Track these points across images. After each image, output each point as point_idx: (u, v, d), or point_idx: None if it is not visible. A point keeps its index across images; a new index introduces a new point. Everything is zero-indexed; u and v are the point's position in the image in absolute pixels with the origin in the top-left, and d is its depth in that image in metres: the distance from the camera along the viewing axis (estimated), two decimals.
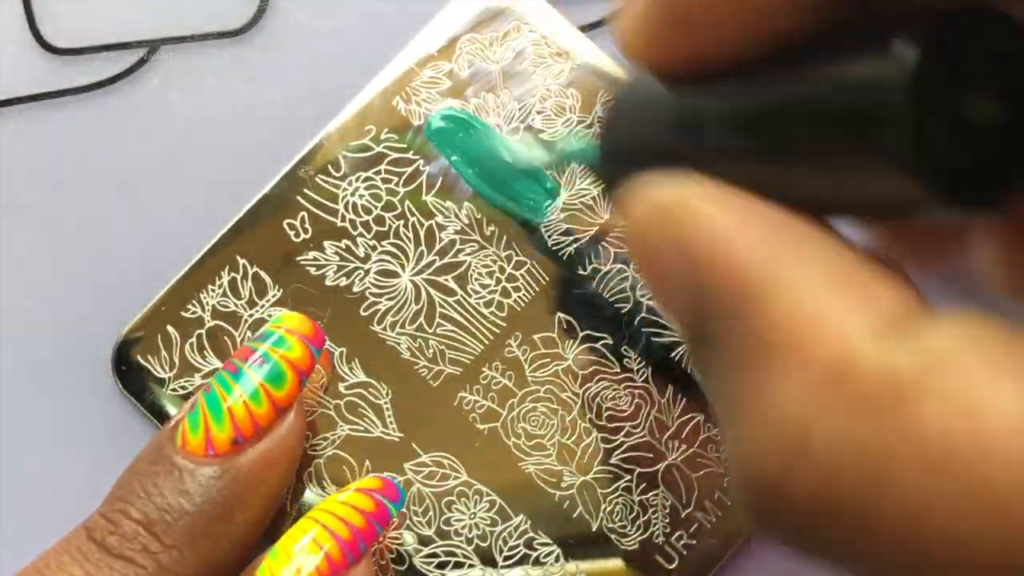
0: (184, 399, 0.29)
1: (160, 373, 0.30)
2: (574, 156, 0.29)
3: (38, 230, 0.31)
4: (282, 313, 0.29)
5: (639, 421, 0.30)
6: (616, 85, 0.21)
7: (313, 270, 0.30)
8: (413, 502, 0.29)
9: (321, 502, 0.27)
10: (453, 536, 0.29)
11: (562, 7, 0.32)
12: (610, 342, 0.30)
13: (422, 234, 0.30)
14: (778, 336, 0.15)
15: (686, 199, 0.17)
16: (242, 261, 0.30)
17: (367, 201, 0.30)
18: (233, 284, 0.30)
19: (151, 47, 0.32)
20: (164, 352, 0.30)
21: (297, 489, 0.29)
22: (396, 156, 0.31)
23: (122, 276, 0.31)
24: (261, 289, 0.30)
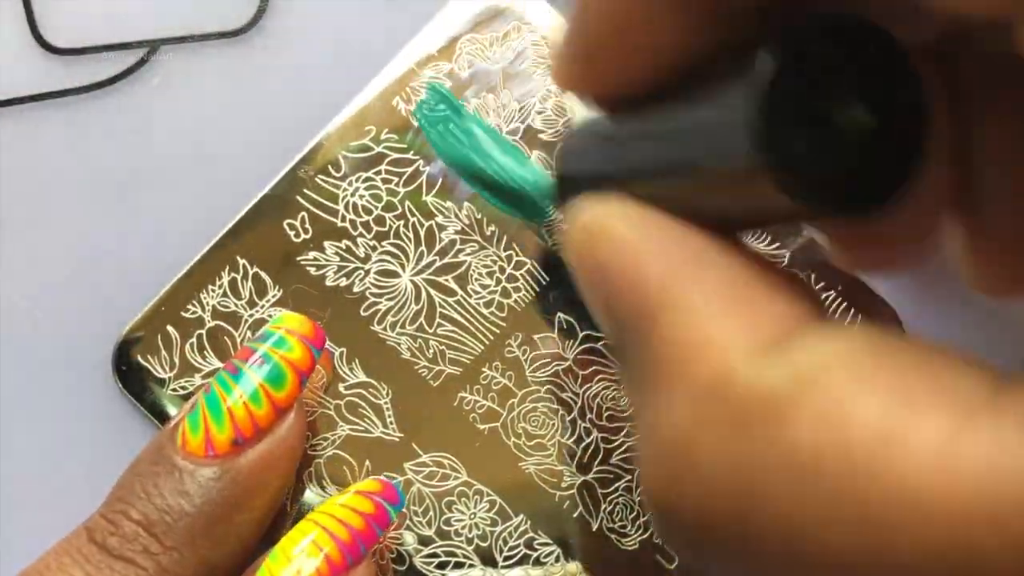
0: (184, 399, 0.29)
1: (160, 373, 0.30)
2: (542, 191, 0.30)
3: (38, 230, 0.31)
4: (282, 314, 0.29)
5: None
6: (568, 128, 0.23)
7: (313, 270, 0.30)
8: (413, 502, 0.29)
9: (320, 504, 0.27)
10: (453, 536, 0.29)
11: (562, 7, 0.32)
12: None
13: (422, 234, 0.30)
14: (667, 354, 0.16)
15: (603, 220, 0.18)
16: (242, 261, 0.30)
17: (367, 201, 0.30)
18: (233, 284, 0.30)
19: (151, 47, 0.32)
20: (164, 352, 0.30)
21: (297, 489, 0.29)
22: (396, 156, 0.31)
23: (122, 276, 0.31)
24: (261, 289, 0.30)
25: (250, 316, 0.30)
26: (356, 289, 0.30)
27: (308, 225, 0.30)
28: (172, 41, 0.32)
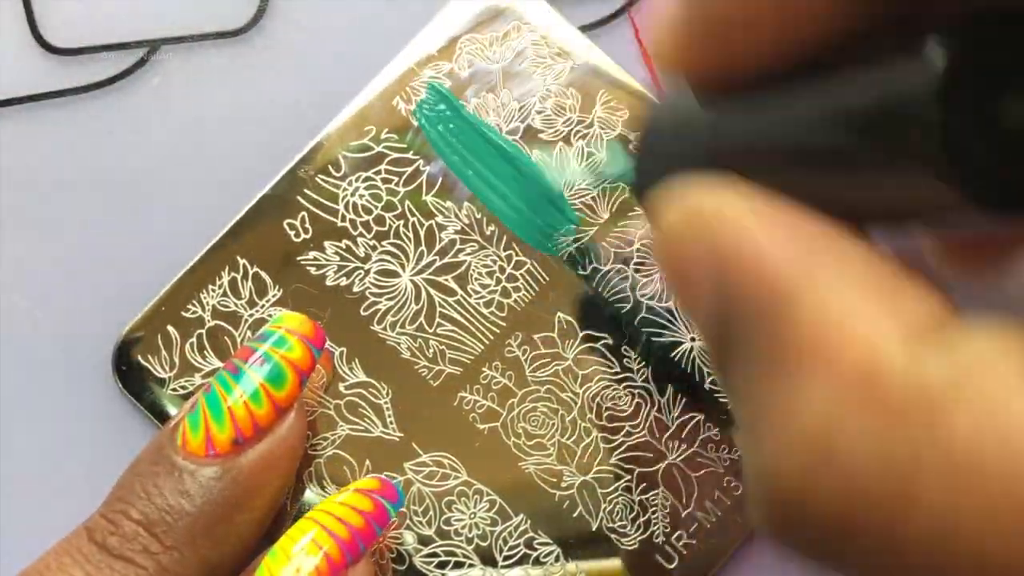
0: (184, 399, 0.29)
1: (160, 373, 0.30)
2: (615, 176, 0.29)
3: (38, 230, 0.31)
4: (282, 313, 0.29)
5: (639, 421, 0.30)
6: (653, 102, 0.21)
7: (313, 270, 0.30)
8: (413, 502, 0.29)
9: (320, 503, 0.27)
10: (453, 536, 0.29)
11: (562, 7, 0.32)
12: (610, 342, 0.30)
13: (422, 234, 0.30)
14: (805, 341, 0.15)
15: (718, 203, 0.17)
16: (242, 261, 0.30)
17: (367, 201, 0.30)
18: (233, 284, 0.30)
19: (151, 47, 0.32)
20: (164, 352, 0.30)
21: (297, 489, 0.29)
22: (396, 156, 0.31)
23: (122, 276, 0.31)
24: (261, 289, 0.30)
25: (250, 316, 0.30)
26: (356, 289, 0.30)
27: (308, 225, 0.30)
28: (172, 41, 0.32)
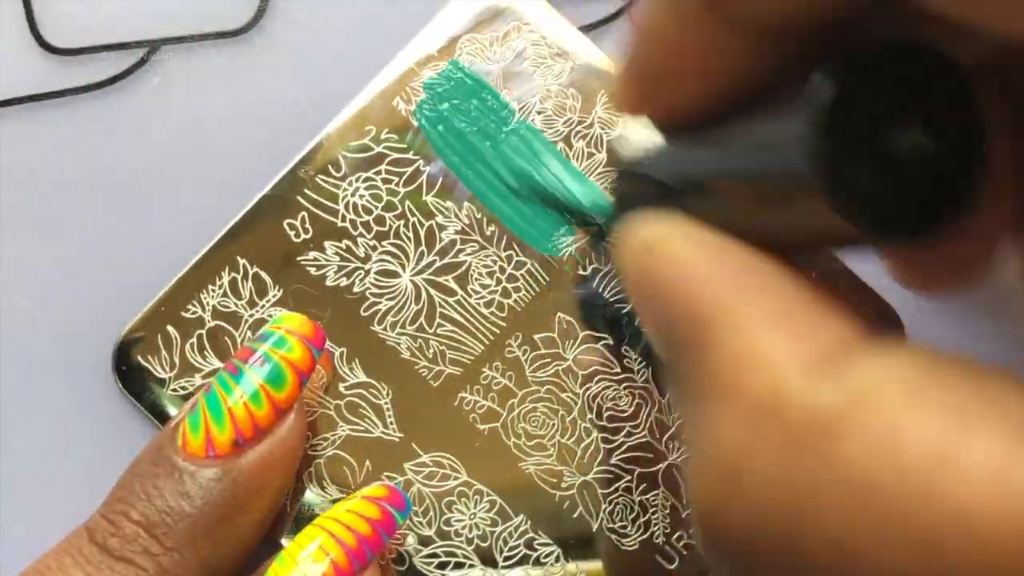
0: (184, 399, 0.29)
1: (160, 373, 0.30)
2: (598, 211, 0.30)
3: (38, 230, 0.31)
4: (282, 314, 0.29)
5: (639, 421, 0.30)
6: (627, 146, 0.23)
7: (313, 270, 0.30)
8: (413, 502, 0.29)
9: (327, 510, 0.27)
10: (453, 536, 0.29)
11: (562, 7, 0.32)
12: (610, 342, 0.30)
13: (422, 234, 0.30)
14: (719, 370, 0.16)
15: (662, 237, 0.18)
16: (242, 261, 0.30)
17: (367, 201, 0.30)
18: (233, 284, 0.30)
19: (151, 47, 0.32)
20: (164, 352, 0.30)
21: (297, 490, 0.29)
22: (396, 156, 0.31)
23: (122, 276, 0.31)
24: (261, 289, 0.30)
25: (250, 316, 0.30)
26: (356, 289, 0.30)
27: (308, 225, 0.30)
28: (172, 41, 0.32)
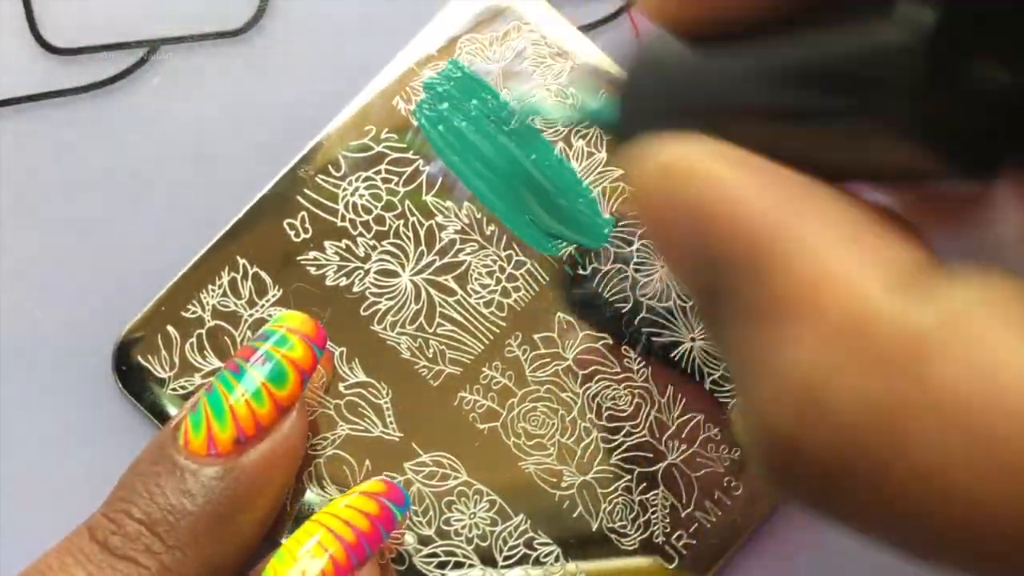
0: (184, 399, 0.29)
1: (160, 373, 0.30)
2: (593, 116, 0.28)
3: (38, 230, 0.31)
4: (284, 312, 0.29)
5: (639, 421, 0.30)
6: (636, 46, 0.21)
7: (313, 270, 0.30)
8: (413, 502, 0.29)
9: (326, 506, 0.27)
10: (453, 536, 0.29)
11: (562, 7, 0.32)
12: (610, 342, 0.30)
13: (422, 234, 0.30)
14: (791, 292, 0.15)
15: (695, 158, 0.17)
16: (242, 261, 0.30)
17: (367, 201, 0.30)
18: (233, 284, 0.30)
19: (151, 47, 0.32)
20: (164, 352, 0.30)
21: (297, 489, 0.29)
22: (396, 156, 0.31)
23: (122, 276, 0.31)
24: (261, 289, 0.30)
25: (250, 316, 0.30)
26: (356, 289, 0.30)
27: (308, 225, 0.30)
28: (172, 41, 0.32)
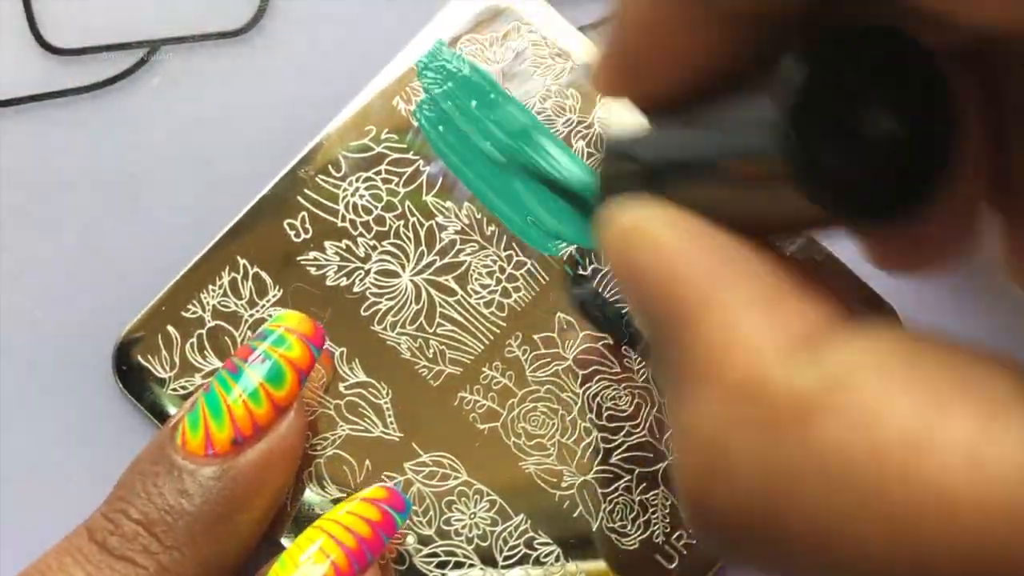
0: (184, 399, 0.29)
1: (160, 373, 0.30)
2: (587, 189, 0.30)
3: (38, 230, 0.31)
4: (282, 312, 0.29)
5: (639, 421, 0.30)
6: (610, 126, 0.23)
7: (313, 270, 0.30)
8: (413, 502, 0.29)
9: (328, 512, 0.27)
10: (453, 536, 0.29)
11: (562, 7, 0.32)
12: (610, 342, 0.30)
13: (422, 234, 0.30)
14: (700, 353, 0.16)
15: (642, 221, 0.18)
16: (242, 261, 0.30)
17: (367, 201, 0.30)
18: (233, 284, 0.30)
19: (151, 47, 0.32)
20: (164, 352, 0.30)
21: (297, 489, 0.29)
22: (396, 156, 0.31)
23: (122, 276, 0.31)
24: (261, 289, 0.30)
25: (250, 316, 0.30)
26: (356, 289, 0.30)
27: (308, 225, 0.30)
28: (172, 41, 0.32)
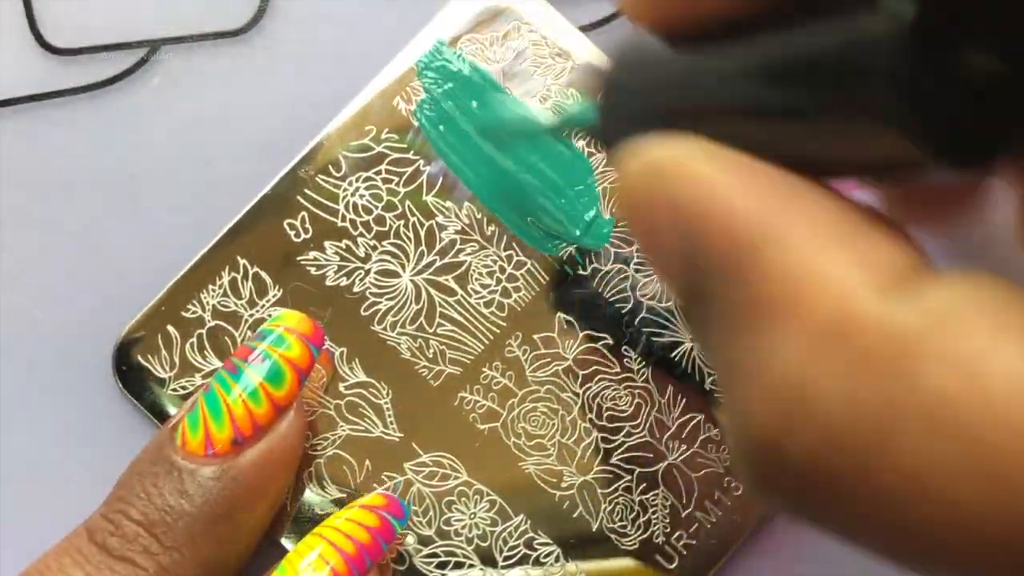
0: (184, 399, 0.29)
1: (160, 373, 0.30)
2: (574, 120, 0.28)
3: (38, 230, 0.31)
4: (281, 311, 0.29)
5: (639, 421, 0.30)
6: (616, 46, 0.21)
7: (313, 270, 0.30)
8: (413, 502, 0.29)
9: (326, 519, 0.27)
10: (453, 536, 0.29)
11: (562, 7, 0.32)
12: (610, 342, 0.30)
13: (422, 234, 0.30)
14: (776, 293, 0.15)
15: (680, 157, 0.17)
16: (242, 261, 0.30)
17: (367, 201, 0.30)
18: (233, 284, 0.30)
19: (151, 47, 0.32)
20: (164, 352, 0.30)
21: (297, 489, 0.29)
22: (396, 156, 0.31)
23: (122, 276, 0.31)
24: (261, 289, 0.30)
25: (250, 316, 0.30)
26: (356, 289, 0.30)
27: (308, 225, 0.30)
28: (172, 41, 0.32)
